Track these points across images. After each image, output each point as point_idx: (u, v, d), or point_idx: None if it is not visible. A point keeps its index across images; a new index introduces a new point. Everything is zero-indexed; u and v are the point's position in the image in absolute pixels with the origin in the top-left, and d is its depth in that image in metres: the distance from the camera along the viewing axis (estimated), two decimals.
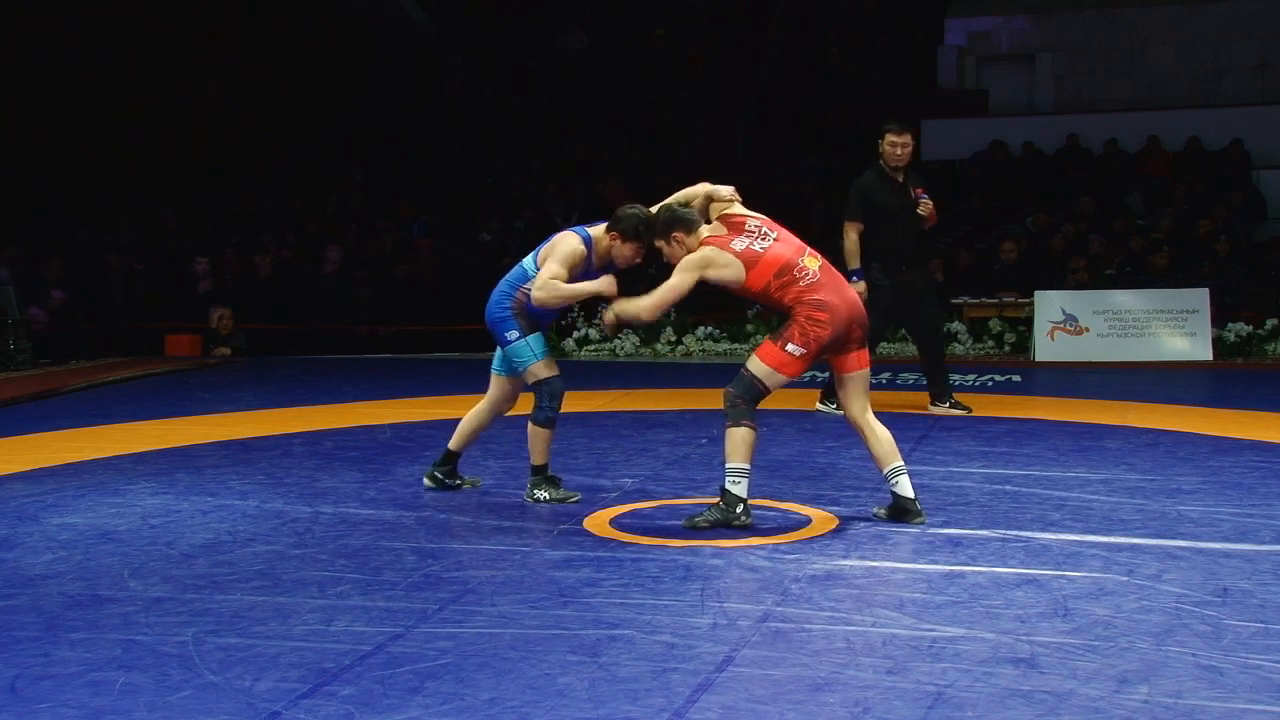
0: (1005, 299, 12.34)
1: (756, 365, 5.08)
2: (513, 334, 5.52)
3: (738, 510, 5.05)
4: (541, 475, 5.70)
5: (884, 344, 12.21)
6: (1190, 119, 17.02)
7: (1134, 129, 16.82)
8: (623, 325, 5.69)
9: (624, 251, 5.46)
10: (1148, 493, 5.74)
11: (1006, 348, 12.12)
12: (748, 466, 5.07)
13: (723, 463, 5.13)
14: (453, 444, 5.90)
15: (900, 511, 5.21)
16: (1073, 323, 11.64)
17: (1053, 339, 11.63)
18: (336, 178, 18.31)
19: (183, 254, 14.99)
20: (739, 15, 19.94)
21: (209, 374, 11.19)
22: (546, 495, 5.65)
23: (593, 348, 12.66)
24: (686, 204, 5.38)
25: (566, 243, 5.49)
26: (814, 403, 8.49)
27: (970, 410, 8.28)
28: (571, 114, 19.13)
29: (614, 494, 5.85)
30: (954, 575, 4.42)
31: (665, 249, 5.25)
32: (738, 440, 5.05)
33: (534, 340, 5.53)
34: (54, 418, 8.47)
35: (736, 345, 12.48)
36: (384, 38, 20.57)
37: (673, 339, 12.53)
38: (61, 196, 16.30)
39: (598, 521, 5.29)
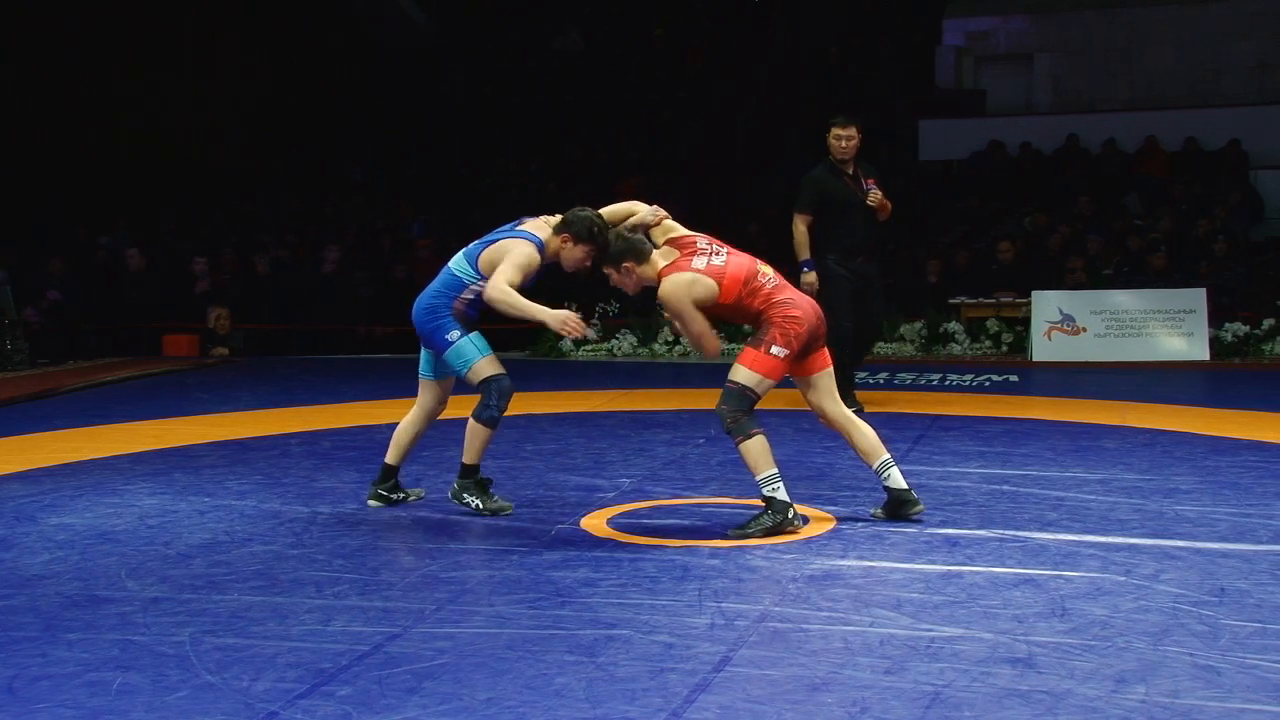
0: (1003, 299, 12.35)
1: (745, 375, 5.05)
2: (454, 334, 5.35)
3: (789, 515, 5.01)
4: (472, 478, 5.46)
5: (881, 344, 12.23)
6: (1188, 119, 17.03)
7: (1132, 129, 16.84)
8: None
9: (575, 254, 5.28)
10: (1145, 493, 5.74)
11: (1004, 348, 12.13)
12: (776, 470, 5.04)
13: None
14: (390, 458, 5.69)
15: (897, 505, 5.22)
16: (1070, 323, 11.64)
17: (1050, 339, 11.63)
18: (335, 178, 18.32)
19: (182, 254, 14.99)
20: (738, 15, 19.96)
21: (207, 374, 11.19)
22: (478, 504, 5.41)
23: (590, 348, 12.66)
24: (618, 222, 5.32)
25: (521, 251, 5.27)
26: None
27: (863, 408, 8.30)
28: (570, 114, 19.14)
29: (611, 494, 5.84)
30: (951, 575, 4.42)
31: (614, 276, 5.18)
32: (756, 451, 5.01)
33: (476, 338, 5.37)
34: (51, 418, 8.47)
35: (734, 346, 12.47)
36: (383, 38, 20.57)
37: (670, 339, 12.53)
38: (60, 196, 16.29)
39: (595, 522, 5.29)
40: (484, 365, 5.36)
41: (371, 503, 5.68)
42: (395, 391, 9.62)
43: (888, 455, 5.23)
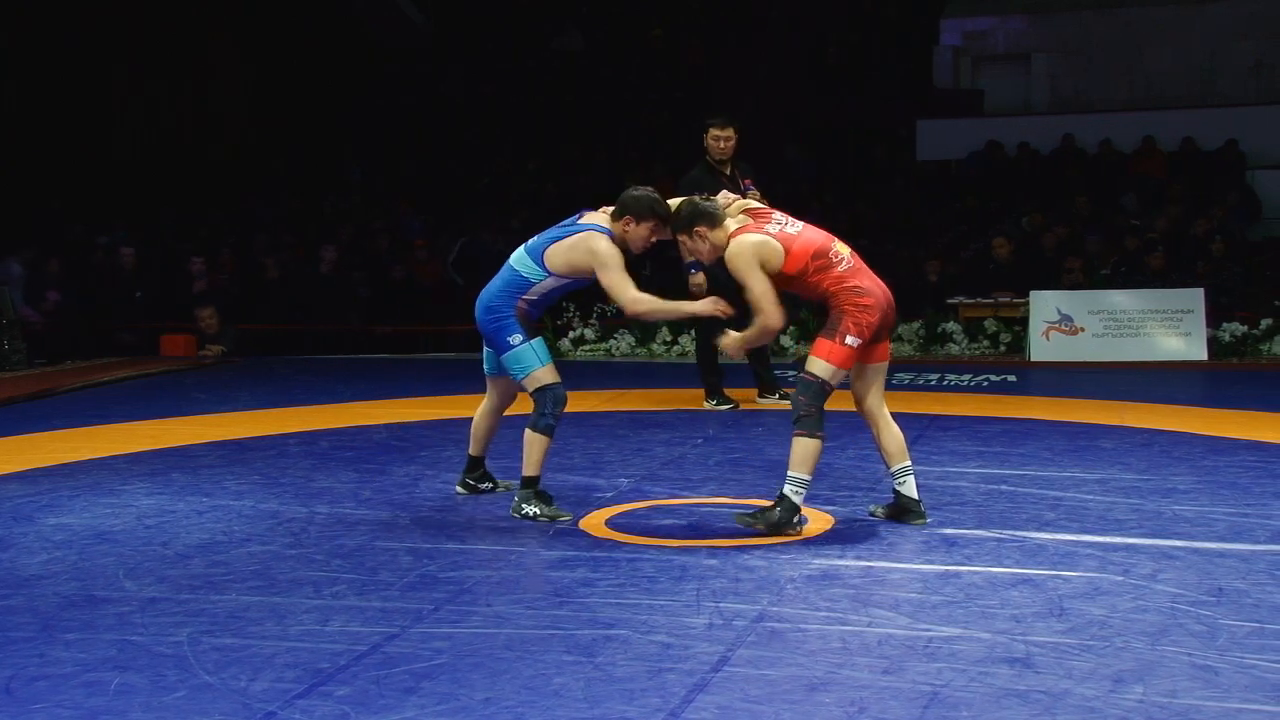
0: (1001, 299, 12.34)
1: (820, 366, 4.94)
2: (516, 338, 5.30)
3: (794, 520, 4.98)
4: (533, 489, 5.40)
5: None
6: (1186, 119, 17.04)
7: (1130, 129, 16.83)
8: (748, 347, 5.41)
9: (640, 233, 5.24)
10: (1143, 493, 5.75)
11: (1002, 348, 12.12)
12: (809, 479, 4.99)
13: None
14: (473, 450, 5.81)
15: (902, 511, 5.20)
16: (1068, 323, 11.64)
17: (1048, 339, 11.63)
18: (334, 178, 18.31)
19: (180, 254, 14.98)
20: (736, 15, 19.95)
21: (204, 374, 11.18)
22: (537, 510, 5.34)
23: (588, 348, 12.65)
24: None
25: (609, 251, 5.21)
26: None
27: (734, 405, 8.54)
28: (569, 114, 19.14)
29: (610, 494, 5.84)
30: (950, 575, 4.42)
31: (687, 243, 5.14)
32: (809, 451, 4.95)
33: (538, 345, 5.34)
34: (49, 418, 8.46)
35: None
36: (382, 38, 20.56)
37: (668, 339, 12.52)
38: (58, 197, 16.29)
39: (593, 522, 5.29)
40: (543, 374, 5.32)
41: (459, 490, 5.84)
42: (393, 391, 9.63)
43: (909, 462, 5.21)
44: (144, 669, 3.55)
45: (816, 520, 5.26)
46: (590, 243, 5.26)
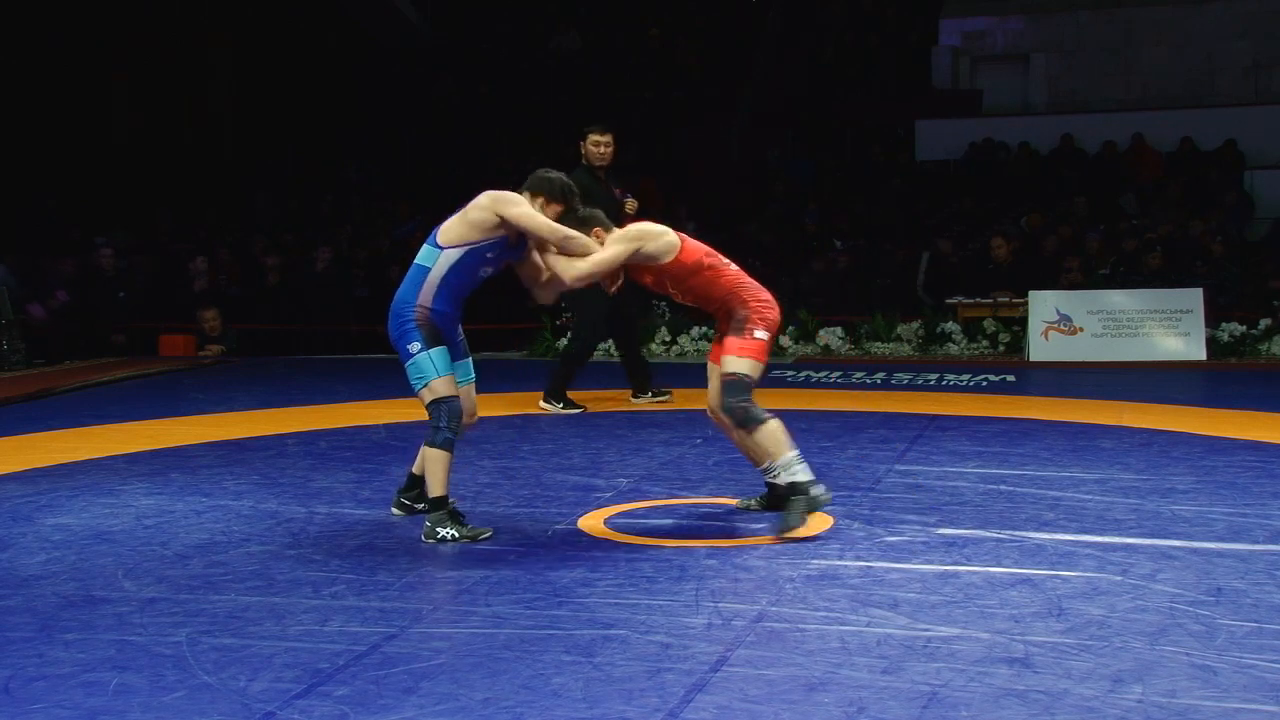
0: (1000, 299, 12.35)
1: (739, 364, 5.08)
2: (415, 346, 5.01)
3: (815, 492, 5.00)
4: (444, 509, 5.03)
5: (879, 344, 12.24)
6: (1184, 119, 17.06)
7: (1128, 129, 16.85)
8: (553, 290, 5.30)
9: (548, 215, 5.06)
10: (1142, 493, 5.75)
11: (1001, 348, 12.13)
12: (796, 452, 5.06)
13: (770, 464, 5.17)
14: (416, 467, 5.38)
15: (778, 503, 5.23)
16: (1067, 323, 11.65)
17: (1047, 339, 11.64)
18: (332, 178, 18.30)
19: (178, 254, 14.97)
20: (733, 15, 19.96)
21: (203, 374, 11.18)
22: (454, 534, 4.97)
23: None
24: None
25: (505, 192, 5.01)
26: (816, 402, 8.50)
27: (671, 397, 8.70)
28: (566, 114, 19.12)
29: (608, 494, 5.84)
30: (948, 575, 4.42)
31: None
32: (775, 435, 5.04)
33: (437, 355, 5.01)
34: (48, 418, 8.46)
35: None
36: (380, 39, 20.56)
37: (667, 339, 12.52)
38: (56, 196, 16.28)
39: (592, 521, 5.29)
40: (440, 385, 5.02)
41: (395, 511, 5.43)
42: (392, 391, 9.61)
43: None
44: (143, 669, 3.55)
45: (816, 520, 5.26)
46: (484, 195, 5.05)
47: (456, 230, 5.07)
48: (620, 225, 8.20)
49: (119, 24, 17.84)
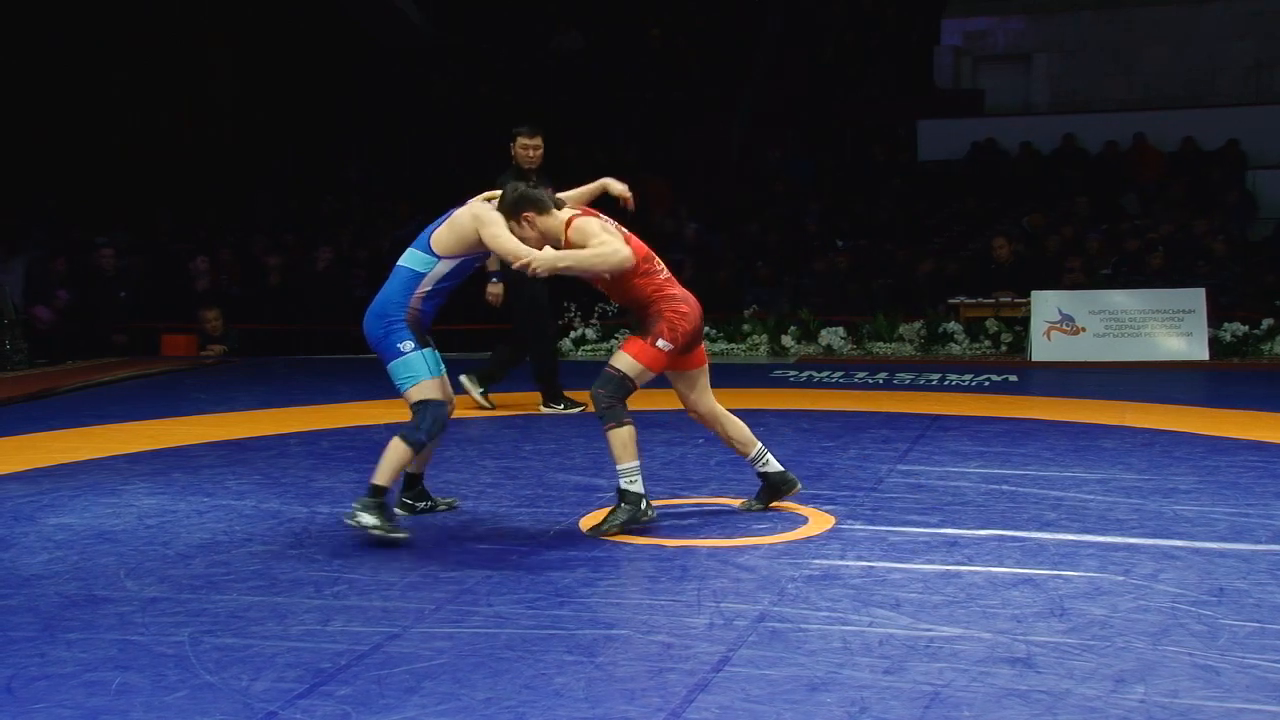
0: (1002, 299, 12.35)
1: (627, 363, 5.10)
2: (407, 344, 5.01)
3: (643, 506, 5.08)
4: (379, 499, 4.96)
5: (880, 344, 12.24)
6: (1186, 119, 17.05)
7: (1129, 129, 16.85)
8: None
9: (536, 227, 5.08)
10: (1144, 492, 5.75)
11: (1003, 348, 12.13)
12: (638, 463, 5.12)
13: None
14: (412, 466, 5.37)
15: (775, 489, 5.35)
16: (1069, 323, 11.65)
17: (1049, 339, 11.64)
18: (332, 178, 18.30)
19: (179, 254, 14.97)
20: (733, 15, 19.95)
21: (204, 374, 11.18)
22: (375, 522, 4.89)
23: (589, 347, 12.66)
24: (586, 199, 5.46)
25: (488, 211, 5.04)
26: (818, 402, 8.49)
27: (583, 408, 8.37)
28: (567, 115, 19.12)
29: (611, 494, 5.83)
30: (950, 575, 4.42)
31: (516, 230, 5.07)
32: (624, 440, 5.08)
33: (429, 356, 5.03)
34: (50, 418, 8.46)
35: (733, 345, 12.48)
36: (379, 38, 20.56)
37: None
38: (56, 196, 16.28)
39: (594, 521, 5.29)
40: (430, 387, 5.03)
41: (396, 510, 5.39)
42: (393, 391, 9.61)
43: (759, 444, 5.40)
44: (145, 669, 3.55)
45: (817, 520, 5.26)
46: (471, 209, 5.12)
47: (451, 240, 5.12)
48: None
49: (119, 24, 17.84)
